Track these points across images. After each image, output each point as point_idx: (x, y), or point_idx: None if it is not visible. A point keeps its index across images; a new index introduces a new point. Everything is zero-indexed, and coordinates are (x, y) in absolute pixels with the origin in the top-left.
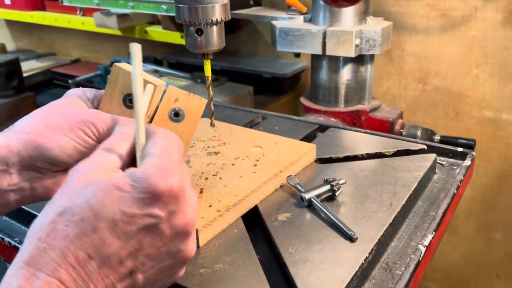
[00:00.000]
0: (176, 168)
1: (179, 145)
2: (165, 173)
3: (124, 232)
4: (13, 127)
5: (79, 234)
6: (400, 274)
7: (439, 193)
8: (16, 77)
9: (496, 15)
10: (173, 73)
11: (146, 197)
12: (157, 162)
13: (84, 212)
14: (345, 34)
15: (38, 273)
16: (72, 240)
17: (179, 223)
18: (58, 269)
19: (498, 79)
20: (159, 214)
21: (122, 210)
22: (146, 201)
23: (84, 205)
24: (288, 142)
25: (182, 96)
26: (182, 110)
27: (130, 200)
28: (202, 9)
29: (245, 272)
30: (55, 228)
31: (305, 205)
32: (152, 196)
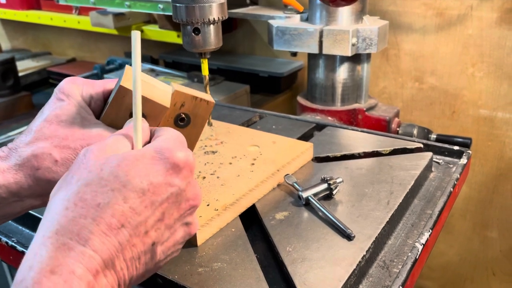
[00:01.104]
0: (185, 146)
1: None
2: (181, 146)
3: (151, 201)
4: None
5: (111, 203)
6: (397, 272)
7: (436, 191)
8: (11, 77)
9: (492, 14)
10: (170, 72)
11: (170, 167)
12: (169, 139)
13: (112, 183)
14: (341, 33)
15: (70, 242)
16: (103, 208)
17: (192, 194)
18: (91, 238)
19: (494, 78)
20: (180, 184)
21: (149, 180)
22: (170, 171)
23: (111, 176)
24: (285, 141)
25: (189, 101)
26: (189, 115)
27: (156, 170)
28: (199, 8)
29: (243, 271)
30: (84, 198)
31: (302, 203)
32: (175, 166)
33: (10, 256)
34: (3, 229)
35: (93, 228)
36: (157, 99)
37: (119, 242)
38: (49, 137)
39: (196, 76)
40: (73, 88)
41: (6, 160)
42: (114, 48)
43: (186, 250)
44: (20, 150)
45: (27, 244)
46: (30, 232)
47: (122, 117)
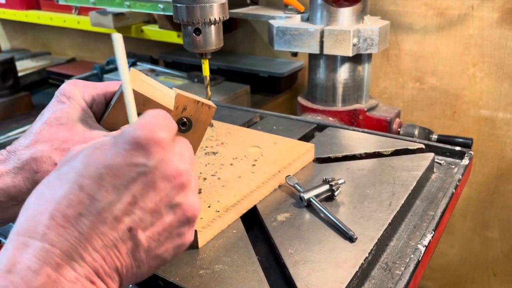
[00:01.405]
0: (162, 125)
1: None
2: (148, 126)
3: (112, 185)
4: (15, 158)
5: (66, 194)
6: (399, 274)
7: (438, 192)
8: (11, 77)
9: (493, 14)
10: (170, 72)
11: (129, 147)
12: (142, 121)
13: (69, 175)
14: (342, 33)
15: (29, 241)
16: (58, 200)
17: (170, 171)
18: (47, 232)
19: (494, 78)
20: (144, 162)
21: (105, 164)
22: (130, 151)
23: (68, 169)
24: (286, 142)
25: (191, 105)
26: (190, 120)
27: (113, 154)
28: (200, 9)
29: (245, 273)
30: (41, 194)
31: (304, 205)
32: (136, 145)
33: None
34: (2, 231)
35: (49, 223)
36: (160, 101)
37: (80, 232)
38: (49, 140)
39: (197, 76)
40: (75, 91)
41: (5, 163)
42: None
43: (187, 252)
44: (19, 153)
45: None
46: None
47: (123, 120)
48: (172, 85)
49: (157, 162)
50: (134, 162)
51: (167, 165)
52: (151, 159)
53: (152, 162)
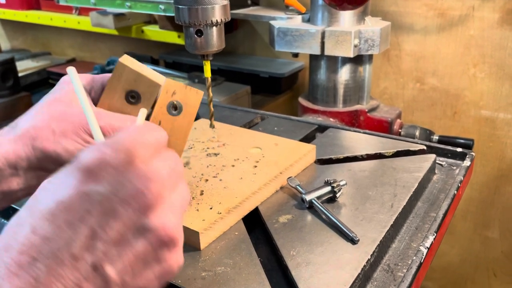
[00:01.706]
0: (127, 141)
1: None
2: (102, 147)
3: (66, 221)
4: (16, 129)
5: (19, 239)
6: (402, 276)
7: (439, 194)
8: (11, 77)
9: (493, 15)
10: (170, 72)
11: (80, 175)
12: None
13: (23, 217)
14: (343, 34)
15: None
16: (12, 246)
17: (129, 192)
18: (1, 284)
19: (495, 78)
20: (101, 190)
21: (56, 199)
22: (80, 179)
23: (24, 210)
24: (287, 143)
25: (179, 89)
26: (180, 103)
27: (65, 185)
28: (202, 10)
29: (247, 275)
30: (2, 240)
31: (306, 206)
32: (86, 171)
33: None
34: None
35: (3, 272)
36: (151, 77)
37: (35, 278)
38: (48, 113)
39: (197, 77)
40: None
41: (6, 135)
42: (114, 48)
43: (189, 254)
44: (20, 125)
45: None
46: None
47: (118, 98)
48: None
49: (111, 185)
50: (86, 191)
51: (124, 186)
52: (104, 183)
53: (105, 188)
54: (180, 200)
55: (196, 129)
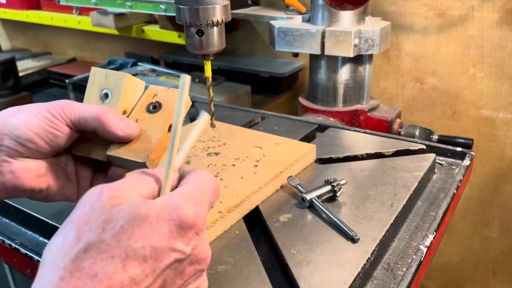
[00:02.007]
0: (206, 203)
1: (214, 186)
2: (195, 205)
3: (152, 269)
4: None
5: (109, 273)
6: (402, 274)
7: (439, 193)
8: (12, 77)
9: (493, 15)
10: (171, 72)
11: (175, 229)
12: (188, 191)
13: (113, 250)
14: (344, 34)
15: None
16: (101, 279)
17: (200, 258)
18: None
19: (494, 78)
20: (184, 249)
21: (152, 245)
22: (175, 233)
23: (113, 241)
24: (288, 143)
25: (161, 91)
26: (160, 103)
27: (160, 233)
28: (203, 10)
29: (248, 274)
30: (81, 267)
31: (306, 205)
32: (180, 227)
33: (13, 259)
34: (5, 231)
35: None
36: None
37: None
38: None
39: (197, 77)
40: None
41: None
42: (115, 48)
43: None
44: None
45: (30, 246)
46: (33, 234)
47: (94, 101)
48: (173, 85)
49: (192, 248)
50: (175, 247)
51: (200, 251)
52: (189, 245)
53: (189, 249)
54: None
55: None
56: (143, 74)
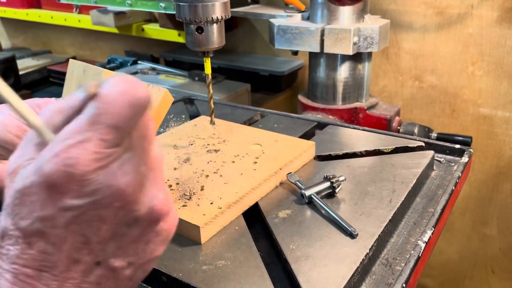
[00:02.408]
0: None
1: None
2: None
3: (56, 235)
4: None
5: (19, 253)
6: (400, 270)
7: (437, 189)
8: (12, 75)
9: (492, 13)
10: (171, 71)
11: (50, 192)
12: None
13: (15, 232)
14: (343, 32)
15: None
16: (15, 261)
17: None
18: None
19: (493, 76)
20: (71, 203)
21: (39, 217)
22: (53, 197)
23: (11, 225)
24: (287, 140)
25: None
26: None
27: (39, 203)
28: (203, 7)
29: (247, 269)
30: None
31: (305, 202)
32: (52, 187)
33: None
34: None
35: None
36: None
37: (46, 285)
38: None
39: (197, 75)
40: None
41: None
42: (115, 46)
43: (190, 248)
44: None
45: None
46: None
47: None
48: (173, 84)
49: (87, 195)
50: (63, 207)
51: (103, 193)
52: (81, 197)
53: (82, 200)
54: (159, 168)
55: (197, 126)
56: (143, 72)
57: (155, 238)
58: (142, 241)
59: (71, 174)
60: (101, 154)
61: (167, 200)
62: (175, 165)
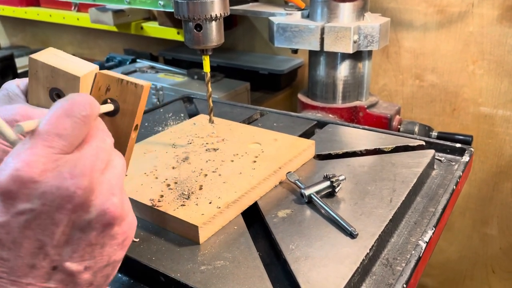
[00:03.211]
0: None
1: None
2: (7, 163)
3: (11, 241)
4: None
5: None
6: (400, 270)
7: (438, 189)
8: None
9: (493, 12)
10: (170, 69)
11: (4, 199)
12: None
13: None
14: (343, 30)
15: None
16: None
17: (58, 198)
18: None
19: (494, 75)
20: (24, 207)
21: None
22: (5, 202)
23: None
24: (287, 139)
25: (114, 84)
26: (117, 102)
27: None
28: (201, 4)
29: (246, 269)
30: None
31: (305, 201)
32: (6, 195)
33: None
34: None
35: None
36: (68, 69)
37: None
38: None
39: (196, 73)
40: (12, 83)
41: None
42: (114, 45)
43: (188, 248)
44: None
45: None
46: None
47: (45, 99)
48: (172, 82)
49: (38, 198)
50: (17, 212)
51: (51, 194)
52: (30, 199)
53: (34, 203)
54: (116, 175)
55: (196, 124)
56: (142, 71)
57: (111, 242)
58: (97, 244)
59: (20, 178)
60: (48, 158)
61: (121, 204)
62: (173, 164)
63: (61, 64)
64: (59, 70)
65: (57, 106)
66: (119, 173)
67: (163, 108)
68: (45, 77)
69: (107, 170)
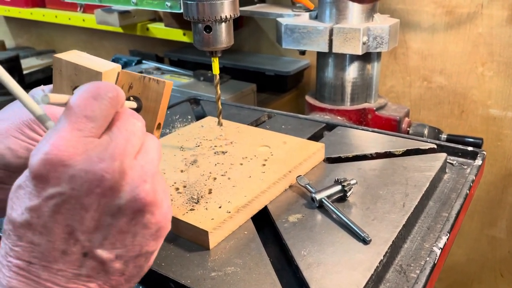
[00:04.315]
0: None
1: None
2: (39, 148)
3: (42, 225)
4: None
5: (11, 245)
6: (415, 277)
7: (451, 193)
8: (16, 74)
9: (502, 12)
10: (175, 70)
11: (36, 182)
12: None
13: (6, 225)
14: (352, 32)
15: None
16: (8, 254)
17: (88, 184)
18: (10, 280)
19: (504, 77)
20: (54, 191)
21: (26, 207)
22: (37, 187)
23: (6, 220)
24: (296, 141)
25: (137, 82)
26: (139, 100)
27: (26, 195)
28: (211, 6)
29: (257, 276)
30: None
31: (316, 206)
32: (37, 180)
33: None
34: None
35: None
36: (91, 66)
37: (37, 276)
38: None
39: (202, 75)
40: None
41: None
42: (119, 46)
43: (198, 253)
44: None
45: None
46: None
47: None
48: (178, 84)
49: (68, 182)
50: (48, 196)
51: (80, 178)
52: (60, 183)
53: (64, 187)
54: (148, 161)
55: (203, 127)
56: (148, 72)
57: (143, 231)
58: (129, 232)
59: (49, 161)
60: (77, 141)
61: (153, 192)
62: (182, 167)
63: (84, 62)
64: (82, 67)
65: (82, 89)
66: (153, 158)
67: (169, 110)
68: (68, 75)
69: (139, 155)
